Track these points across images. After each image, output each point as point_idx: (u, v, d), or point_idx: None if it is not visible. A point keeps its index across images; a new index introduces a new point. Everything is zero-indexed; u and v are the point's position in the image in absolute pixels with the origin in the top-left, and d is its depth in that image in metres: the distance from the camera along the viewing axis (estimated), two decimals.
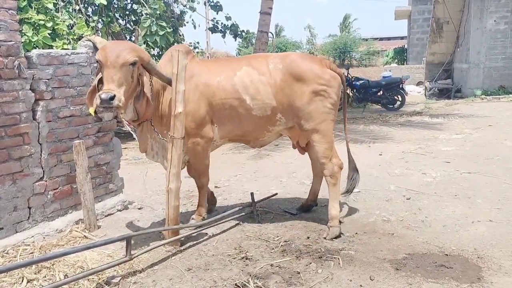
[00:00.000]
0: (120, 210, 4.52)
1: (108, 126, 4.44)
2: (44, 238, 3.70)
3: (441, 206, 4.42)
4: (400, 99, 12.59)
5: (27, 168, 3.68)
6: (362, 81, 12.94)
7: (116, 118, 4.58)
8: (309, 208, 4.43)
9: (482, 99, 13.68)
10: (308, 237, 3.74)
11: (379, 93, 12.75)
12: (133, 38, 10.05)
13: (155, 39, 8.17)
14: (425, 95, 16.37)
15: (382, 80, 13.08)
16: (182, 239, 3.67)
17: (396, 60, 26.07)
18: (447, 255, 3.35)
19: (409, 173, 5.69)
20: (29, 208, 3.72)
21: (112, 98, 3.08)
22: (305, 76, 3.79)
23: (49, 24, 7.70)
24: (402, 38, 41.47)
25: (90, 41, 4.18)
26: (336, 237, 3.70)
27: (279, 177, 5.83)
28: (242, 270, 3.18)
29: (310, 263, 3.26)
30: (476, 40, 14.41)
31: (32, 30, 7.52)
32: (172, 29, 10.24)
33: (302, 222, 4.12)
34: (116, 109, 3.18)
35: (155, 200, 5.01)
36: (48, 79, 3.81)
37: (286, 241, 3.67)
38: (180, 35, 11.26)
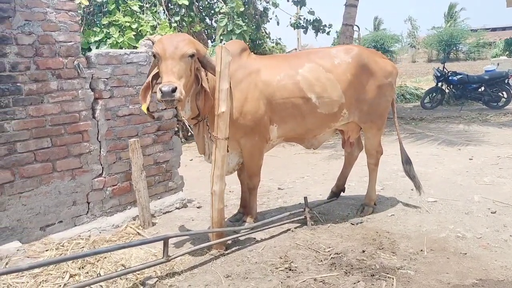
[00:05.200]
0: (178, 208, 4.53)
1: (168, 125, 4.46)
2: (100, 232, 3.82)
3: None
4: (505, 96, 11.21)
5: (86, 164, 3.82)
6: (460, 76, 11.76)
7: (176, 117, 4.58)
8: (339, 194, 4.69)
9: None
10: (363, 251, 3.38)
11: (480, 89, 11.49)
12: (214, 37, 10.21)
13: (231, 38, 8.16)
14: None
15: (484, 75, 11.75)
16: (229, 242, 3.54)
17: (507, 52, 23.47)
18: None
19: (501, 182, 4.97)
20: (88, 203, 3.86)
21: (174, 90, 2.91)
22: (374, 69, 3.87)
23: (134, 26, 8.09)
24: None
25: (150, 40, 4.22)
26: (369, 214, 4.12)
27: (349, 180, 5.39)
28: (281, 282, 2.95)
29: (359, 281, 2.92)
30: None
31: (119, 32, 7.96)
32: (254, 27, 10.24)
33: (361, 232, 3.76)
34: (177, 102, 3.01)
35: None
36: (106, 78, 3.91)
37: (337, 253, 3.35)
38: (263, 32, 11.23)
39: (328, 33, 11.27)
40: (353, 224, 3.95)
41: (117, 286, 2.89)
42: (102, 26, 8.28)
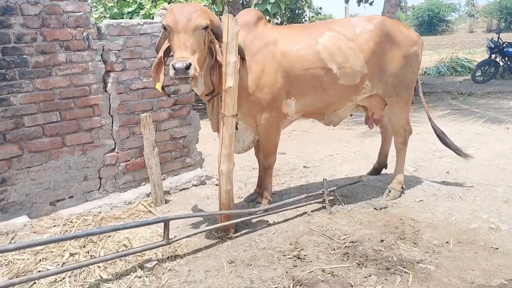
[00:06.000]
0: (196, 185, 4.39)
1: (185, 99, 4.29)
2: (111, 208, 3.75)
3: None
4: None
5: (97, 139, 3.73)
6: None
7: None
8: (381, 171, 4.52)
9: None
10: (382, 240, 3.10)
11: None
12: (251, 5, 9.85)
13: (266, 8, 7.80)
14: None
15: None
16: (238, 224, 3.37)
17: None
18: None
19: None
20: (100, 178, 3.79)
21: (188, 67, 2.71)
22: (398, 38, 3.61)
23: None
24: None
25: (166, 10, 4.00)
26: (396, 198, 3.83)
27: None
28: (286, 272, 2.74)
29: (370, 275, 2.67)
30: None
31: (151, 2, 7.81)
32: None
33: (383, 219, 3.46)
34: (192, 79, 2.82)
35: (239, 176, 4.76)
36: (118, 50, 3.75)
37: (353, 242, 3.09)
38: (303, 1, 10.74)
39: (371, 3, 10.62)
40: (376, 209, 3.65)
41: (115, 267, 2.80)
42: None
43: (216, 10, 8.09)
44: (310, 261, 2.87)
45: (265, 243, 3.14)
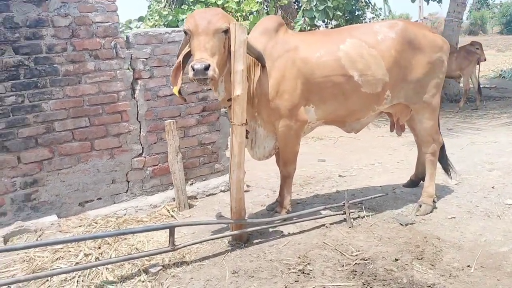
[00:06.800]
0: (223, 191, 4.41)
1: (214, 106, 4.33)
2: (136, 211, 3.88)
3: None
4: None
5: (125, 144, 3.88)
6: None
7: None
8: (418, 183, 4.20)
9: None
10: (396, 259, 2.90)
11: None
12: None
13: (314, 15, 7.66)
14: None
15: None
16: (251, 234, 3.33)
17: None
18: None
19: None
20: (128, 181, 3.94)
21: (207, 67, 2.75)
22: (421, 44, 3.46)
23: (220, 2, 8.07)
24: None
25: None
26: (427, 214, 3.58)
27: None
28: (286, 286, 2.66)
29: None
30: None
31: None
32: None
33: (406, 236, 3.24)
34: (210, 81, 2.86)
35: (271, 183, 4.72)
36: (146, 58, 3.88)
37: (364, 259, 2.93)
38: (362, 2, 10.40)
39: (439, 1, 10.05)
40: (401, 225, 3.43)
41: (122, 270, 2.89)
42: (190, 4, 8.43)
43: (269, 14, 8.09)
44: (314, 276, 2.76)
45: (273, 254, 3.07)
